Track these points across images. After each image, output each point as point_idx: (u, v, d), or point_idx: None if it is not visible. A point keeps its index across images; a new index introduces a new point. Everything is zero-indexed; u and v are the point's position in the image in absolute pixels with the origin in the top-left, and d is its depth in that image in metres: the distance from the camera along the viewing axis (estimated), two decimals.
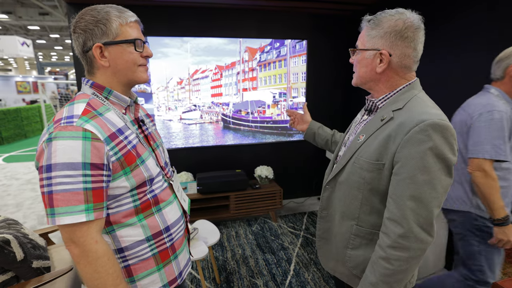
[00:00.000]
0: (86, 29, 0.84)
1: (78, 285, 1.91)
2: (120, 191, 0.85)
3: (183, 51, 3.08)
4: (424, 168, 0.81)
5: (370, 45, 0.93)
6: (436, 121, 0.81)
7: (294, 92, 3.47)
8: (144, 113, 1.12)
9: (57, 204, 0.74)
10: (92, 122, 0.80)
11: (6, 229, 1.73)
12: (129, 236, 0.89)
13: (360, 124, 1.07)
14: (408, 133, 0.83)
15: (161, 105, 3.19)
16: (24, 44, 13.72)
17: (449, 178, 0.84)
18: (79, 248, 0.78)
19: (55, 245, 2.14)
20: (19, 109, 8.85)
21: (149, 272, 0.94)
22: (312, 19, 3.39)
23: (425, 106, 0.87)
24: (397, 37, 0.88)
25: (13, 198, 4.23)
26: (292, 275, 2.40)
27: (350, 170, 0.99)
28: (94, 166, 0.77)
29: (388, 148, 0.88)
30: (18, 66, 20.04)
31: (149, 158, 0.93)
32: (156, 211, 0.94)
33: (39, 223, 3.45)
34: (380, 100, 0.98)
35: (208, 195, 3.06)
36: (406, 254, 0.83)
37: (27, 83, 14.88)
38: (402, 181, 0.84)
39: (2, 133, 8.12)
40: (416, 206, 0.82)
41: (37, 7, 12.81)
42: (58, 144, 0.74)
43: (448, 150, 0.82)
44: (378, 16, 0.92)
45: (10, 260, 1.57)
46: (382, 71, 0.93)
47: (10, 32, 16.07)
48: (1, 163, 6.26)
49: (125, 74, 0.90)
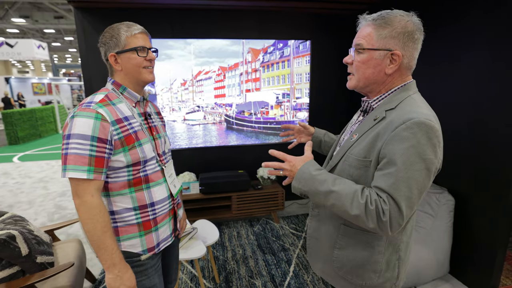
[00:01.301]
0: (106, 43, 1.11)
1: (80, 280, 1.96)
2: (119, 164, 1.07)
3: (187, 53, 3.12)
4: (404, 166, 0.80)
5: (381, 45, 0.88)
6: (423, 120, 0.81)
7: (297, 93, 3.47)
8: (155, 110, 1.36)
9: (68, 162, 0.97)
10: (105, 108, 1.04)
11: (13, 225, 1.82)
12: (120, 203, 1.12)
13: (355, 124, 1.06)
14: (395, 130, 0.83)
15: (165, 106, 3.24)
16: (40, 47, 14.12)
17: (427, 180, 0.83)
18: (79, 199, 1.00)
19: (60, 242, 2.22)
20: (34, 110, 9.12)
21: (132, 236, 1.14)
22: (315, 19, 3.38)
23: (416, 106, 0.87)
24: (409, 38, 0.87)
25: (26, 195, 4.39)
26: (292, 276, 2.40)
27: (341, 167, 0.99)
28: (100, 140, 1.00)
29: (376, 145, 0.88)
30: (34, 68, 20.62)
31: (147, 143, 1.14)
32: (146, 188, 1.15)
33: (49, 220, 3.55)
34: (374, 100, 0.97)
35: (210, 195, 3.09)
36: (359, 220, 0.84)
37: (43, 84, 15.31)
38: (383, 175, 0.84)
39: (18, 133, 8.40)
40: (395, 206, 0.81)
41: (52, 11, 13.17)
42: (77, 120, 0.99)
43: (430, 151, 0.81)
44: (385, 15, 0.89)
45: (16, 254, 1.65)
46: (392, 72, 0.91)
47: (27, 36, 16.56)
48: (16, 161, 6.47)
49: (133, 75, 1.14)
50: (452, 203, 2.23)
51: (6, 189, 4.66)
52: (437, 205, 2.26)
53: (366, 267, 0.98)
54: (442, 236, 2.22)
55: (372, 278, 0.98)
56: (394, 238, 0.97)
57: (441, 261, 2.22)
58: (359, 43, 0.92)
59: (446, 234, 2.22)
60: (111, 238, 1.04)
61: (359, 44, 0.92)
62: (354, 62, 0.95)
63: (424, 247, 2.19)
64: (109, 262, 1.03)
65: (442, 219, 2.23)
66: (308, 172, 0.92)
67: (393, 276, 0.99)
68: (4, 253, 1.61)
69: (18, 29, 14.96)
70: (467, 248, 2.22)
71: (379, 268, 0.97)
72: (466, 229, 2.22)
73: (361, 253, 0.98)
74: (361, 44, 0.92)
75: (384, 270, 0.97)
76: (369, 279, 0.99)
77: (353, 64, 0.96)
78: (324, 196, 0.89)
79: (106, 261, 1.03)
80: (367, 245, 0.97)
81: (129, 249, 1.14)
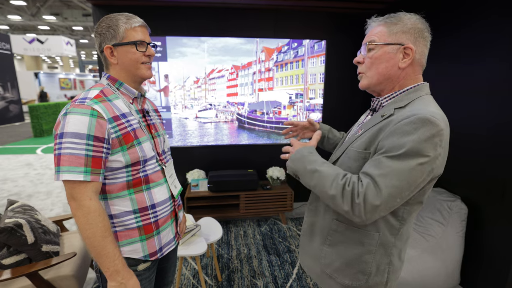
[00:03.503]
0: (101, 33, 1.03)
1: (84, 270, 2.01)
2: (117, 164, 1.00)
3: (200, 51, 3.14)
4: (399, 158, 0.79)
5: (393, 39, 0.89)
6: (427, 116, 0.78)
7: (311, 94, 3.42)
8: (153, 107, 1.28)
9: (62, 164, 0.90)
10: (100, 105, 0.97)
11: (21, 214, 1.87)
12: (119, 206, 1.04)
13: (363, 123, 1.05)
14: (397, 123, 0.82)
15: (178, 104, 3.27)
16: (68, 44, 14.71)
17: (421, 177, 0.80)
18: (76, 203, 0.93)
19: (68, 232, 2.28)
20: (58, 104, 9.56)
21: (133, 241, 1.07)
22: (331, 19, 3.32)
23: (426, 105, 0.85)
24: (419, 34, 0.89)
25: (45, 186, 4.57)
26: (294, 278, 2.36)
27: (341, 160, 0.99)
28: (96, 139, 0.93)
29: (377, 138, 0.87)
30: (63, 64, 21.46)
31: (146, 142, 1.07)
32: (146, 189, 1.08)
33: (64, 210, 3.69)
34: (385, 98, 0.96)
35: (218, 193, 3.10)
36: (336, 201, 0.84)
37: (69, 80, 15.92)
38: (374, 161, 0.83)
39: (43, 125, 8.80)
40: (372, 186, 0.80)
41: (81, 8, 13.66)
42: (71, 118, 0.91)
43: (430, 148, 0.78)
44: (393, 15, 0.91)
45: (22, 242, 1.71)
46: (406, 67, 0.90)
47: (57, 33, 17.29)
48: (40, 153, 6.76)
49: (130, 70, 1.06)
50: (464, 212, 2.13)
51: (27, 179, 4.87)
52: (448, 213, 2.17)
53: (355, 266, 0.96)
54: (453, 245, 2.11)
55: (359, 280, 0.95)
56: (386, 239, 0.93)
57: (451, 271, 2.11)
58: (372, 39, 0.93)
59: (457, 243, 2.12)
60: (112, 243, 0.97)
61: (372, 40, 0.93)
62: (365, 59, 0.96)
63: (432, 256, 2.10)
64: (111, 269, 0.96)
65: (454, 228, 2.13)
66: (301, 153, 0.97)
67: (382, 282, 0.95)
68: (12, 241, 1.67)
69: (49, 26, 15.63)
70: (479, 259, 2.11)
71: (368, 269, 0.94)
72: (479, 239, 2.12)
73: (350, 250, 0.96)
74: (373, 40, 0.92)
75: (374, 273, 0.94)
76: (357, 280, 0.96)
77: (365, 62, 0.96)
78: (310, 174, 0.91)
79: (108, 268, 0.96)
80: (358, 243, 0.95)
81: (130, 255, 1.07)
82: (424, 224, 2.29)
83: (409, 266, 2.04)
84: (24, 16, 13.66)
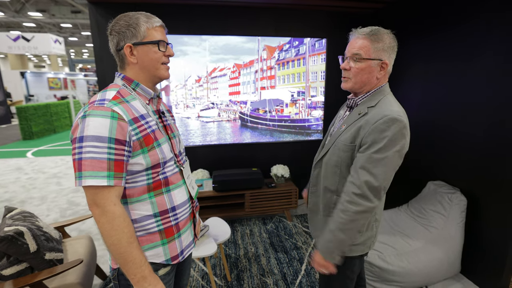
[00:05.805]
0: (120, 31, 1.00)
1: (89, 277, 1.95)
2: (137, 167, 0.98)
3: (202, 49, 3.11)
4: (381, 149, 1.07)
5: (376, 56, 1.14)
6: (395, 116, 1.07)
7: (312, 91, 3.43)
8: (166, 108, 1.26)
9: (84, 169, 0.87)
10: (120, 106, 0.94)
11: (22, 222, 1.79)
12: (139, 210, 1.02)
13: (343, 119, 1.30)
14: (375, 123, 1.09)
15: (179, 103, 3.24)
16: (57, 42, 14.33)
17: (399, 160, 1.10)
18: (100, 209, 0.90)
19: (70, 238, 2.20)
20: (48, 105, 9.17)
21: (154, 245, 1.06)
22: (332, 17, 3.32)
23: (390, 105, 1.13)
24: (393, 50, 1.16)
25: (38, 191, 4.39)
26: (303, 275, 2.38)
27: (332, 151, 1.25)
28: (118, 142, 0.91)
29: (359, 134, 1.14)
30: (51, 63, 20.98)
31: (165, 143, 1.06)
32: (166, 191, 1.06)
33: (61, 216, 3.55)
34: (359, 98, 1.23)
35: (223, 192, 3.09)
36: (357, 208, 1.10)
37: (58, 79, 15.55)
38: (364, 156, 1.10)
39: (32, 127, 8.42)
40: (369, 176, 1.08)
41: (69, 5, 13.32)
42: (90, 120, 0.88)
43: (400, 138, 1.07)
44: (376, 32, 1.14)
45: (23, 251, 1.63)
46: (381, 77, 1.18)
47: (44, 30, 16.83)
48: (30, 157, 6.51)
49: (149, 70, 1.04)
50: (464, 203, 2.25)
51: (18, 185, 4.65)
52: (449, 205, 2.28)
53: None
54: (454, 236, 2.21)
55: (357, 238, 1.23)
56: None
57: (452, 260, 2.20)
58: (358, 53, 1.15)
59: (457, 234, 2.22)
60: (138, 249, 0.95)
61: (358, 54, 1.15)
62: (352, 68, 1.18)
63: (436, 247, 2.18)
64: (138, 275, 0.94)
65: (454, 219, 2.24)
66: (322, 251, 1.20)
67: (372, 235, 1.28)
68: (12, 250, 1.60)
69: (35, 23, 15.22)
70: (478, 248, 2.23)
71: (362, 228, 1.21)
72: (477, 229, 2.23)
73: None
74: (360, 54, 1.15)
75: (365, 230, 1.25)
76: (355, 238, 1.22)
77: (351, 70, 1.18)
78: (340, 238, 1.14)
79: (135, 275, 0.94)
80: None
81: (152, 260, 1.06)
82: (426, 216, 2.37)
83: (415, 257, 2.12)
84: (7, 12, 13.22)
